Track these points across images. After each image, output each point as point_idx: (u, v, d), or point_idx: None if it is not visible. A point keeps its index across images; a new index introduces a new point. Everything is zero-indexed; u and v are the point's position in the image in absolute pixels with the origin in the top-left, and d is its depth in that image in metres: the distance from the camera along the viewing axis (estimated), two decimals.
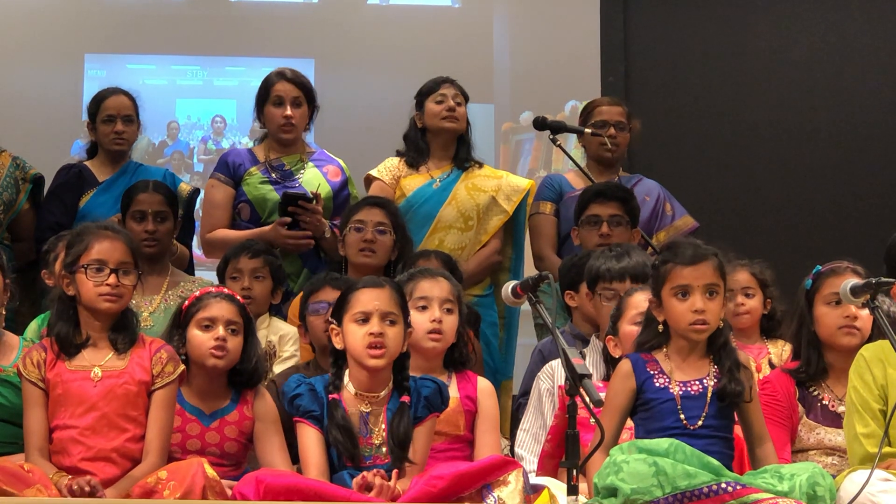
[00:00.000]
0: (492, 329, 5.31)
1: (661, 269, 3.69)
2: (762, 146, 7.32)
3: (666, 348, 3.70)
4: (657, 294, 3.69)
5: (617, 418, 3.66)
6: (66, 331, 3.70)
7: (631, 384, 3.66)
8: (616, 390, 3.68)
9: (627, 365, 3.69)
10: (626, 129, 5.59)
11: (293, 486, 3.41)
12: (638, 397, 3.66)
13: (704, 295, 3.63)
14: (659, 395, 3.64)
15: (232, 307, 3.90)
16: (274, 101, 5.32)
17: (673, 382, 3.65)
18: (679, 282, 3.64)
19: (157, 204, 5.00)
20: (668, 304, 3.66)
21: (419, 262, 4.73)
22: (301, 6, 7.52)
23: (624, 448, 3.43)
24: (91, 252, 3.71)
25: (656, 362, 3.68)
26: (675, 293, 3.65)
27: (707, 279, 3.65)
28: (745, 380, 3.67)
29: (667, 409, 3.62)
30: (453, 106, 5.34)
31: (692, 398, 3.63)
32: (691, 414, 3.61)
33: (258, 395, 3.92)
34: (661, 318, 3.70)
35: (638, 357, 3.70)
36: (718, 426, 3.63)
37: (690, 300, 3.63)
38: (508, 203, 5.39)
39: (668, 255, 3.72)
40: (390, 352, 3.69)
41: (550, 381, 4.31)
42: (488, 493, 3.47)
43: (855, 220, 7.13)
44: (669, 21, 7.40)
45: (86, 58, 7.20)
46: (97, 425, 3.62)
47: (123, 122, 5.40)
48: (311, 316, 4.46)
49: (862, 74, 7.37)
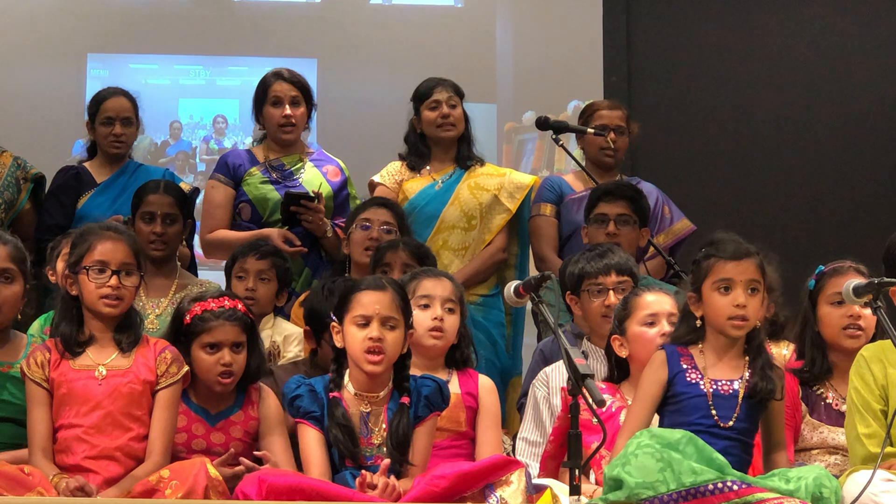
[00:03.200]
0: (498, 329, 5.31)
1: (703, 264, 3.68)
2: (765, 146, 7.32)
3: (702, 344, 3.69)
4: (697, 289, 3.68)
5: (647, 409, 3.65)
6: (70, 330, 3.71)
7: (663, 375, 3.65)
8: (649, 380, 3.67)
9: (662, 355, 3.68)
10: (626, 133, 5.60)
11: (296, 485, 3.41)
12: (668, 389, 3.65)
13: (746, 291, 3.62)
14: (689, 389, 3.62)
15: (235, 328, 3.87)
16: (272, 102, 5.32)
17: (706, 379, 3.63)
18: (722, 275, 3.63)
19: (167, 206, 4.98)
20: (709, 298, 3.64)
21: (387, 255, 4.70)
22: (303, 6, 7.53)
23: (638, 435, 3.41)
24: (93, 253, 3.72)
25: (691, 357, 3.67)
26: (718, 287, 3.63)
27: (750, 275, 3.64)
28: (777, 378, 3.66)
29: (694, 405, 3.61)
30: (447, 112, 5.34)
31: (723, 397, 3.62)
32: (723, 413, 3.60)
33: (263, 396, 3.93)
34: (700, 313, 3.68)
35: (673, 349, 3.69)
36: (744, 430, 3.62)
37: (732, 295, 3.62)
38: (511, 201, 5.39)
39: (711, 249, 3.71)
40: (388, 357, 3.69)
41: (546, 388, 4.30)
42: (490, 493, 3.47)
43: (858, 223, 7.12)
44: (672, 21, 7.40)
45: (88, 57, 7.21)
46: (101, 424, 3.62)
47: (122, 124, 5.38)
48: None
49: (865, 75, 7.37)
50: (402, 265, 4.63)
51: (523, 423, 4.36)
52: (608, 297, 4.38)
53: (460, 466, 3.51)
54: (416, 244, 4.83)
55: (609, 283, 4.41)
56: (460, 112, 5.39)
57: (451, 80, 5.45)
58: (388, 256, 4.70)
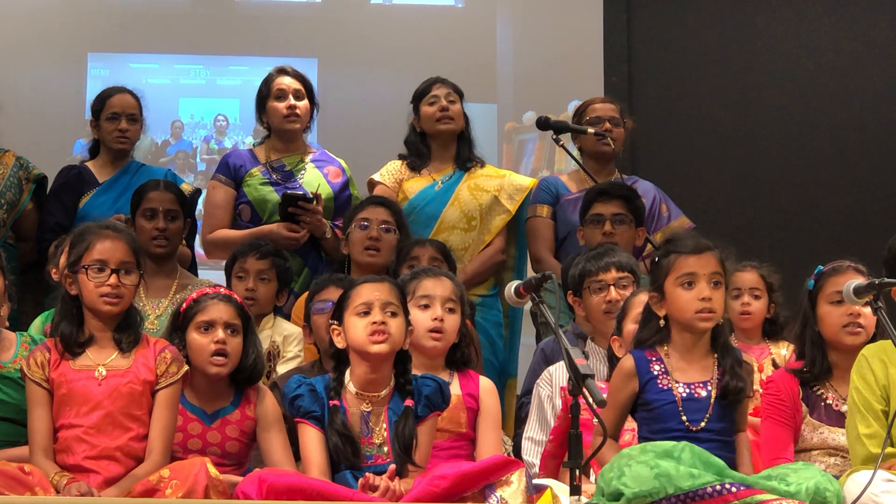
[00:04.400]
0: (497, 329, 5.32)
1: (663, 262, 3.69)
2: (765, 146, 7.32)
3: (667, 346, 3.70)
4: (659, 288, 3.68)
5: (618, 414, 3.66)
6: (70, 330, 3.71)
7: (633, 385, 3.66)
8: (617, 387, 3.68)
9: (630, 363, 3.68)
10: (621, 125, 5.60)
11: (296, 485, 3.41)
12: (639, 397, 3.66)
13: (710, 284, 3.63)
14: (661, 396, 3.63)
15: (230, 308, 3.89)
16: (276, 96, 5.34)
17: (675, 383, 3.64)
18: (685, 270, 3.64)
19: (168, 202, 5.00)
20: (673, 294, 3.65)
21: (415, 249, 4.75)
22: (304, 6, 7.53)
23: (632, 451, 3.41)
24: (93, 252, 3.72)
25: (660, 360, 3.67)
26: (681, 283, 3.64)
27: (712, 268, 3.65)
28: (747, 375, 3.67)
29: (668, 412, 3.62)
30: (446, 105, 5.35)
31: (695, 401, 3.62)
32: (693, 417, 3.61)
33: (260, 395, 3.92)
34: (663, 312, 3.69)
35: (641, 355, 3.69)
36: (720, 429, 3.63)
37: (697, 289, 3.62)
38: (511, 202, 5.40)
39: (670, 246, 3.73)
40: (393, 339, 3.69)
41: (550, 388, 4.31)
42: (491, 493, 3.48)
43: (857, 223, 7.12)
44: (672, 21, 7.40)
45: (89, 57, 7.21)
46: (101, 424, 3.62)
47: (127, 120, 5.41)
48: (315, 315, 4.46)
49: (866, 75, 7.37)
50: (430, 258, 4.67)
51: (528, 423, 4.37)
52: (609, 293, 4.40)
53: (460, 467, 3.52)
54: (441, 243, 4.89)
55: (609, 279, 4.43)
56: (459, 108, 5.40)
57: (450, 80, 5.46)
58: (416, 250, 4.75)
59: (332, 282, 4.53)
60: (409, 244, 4.84)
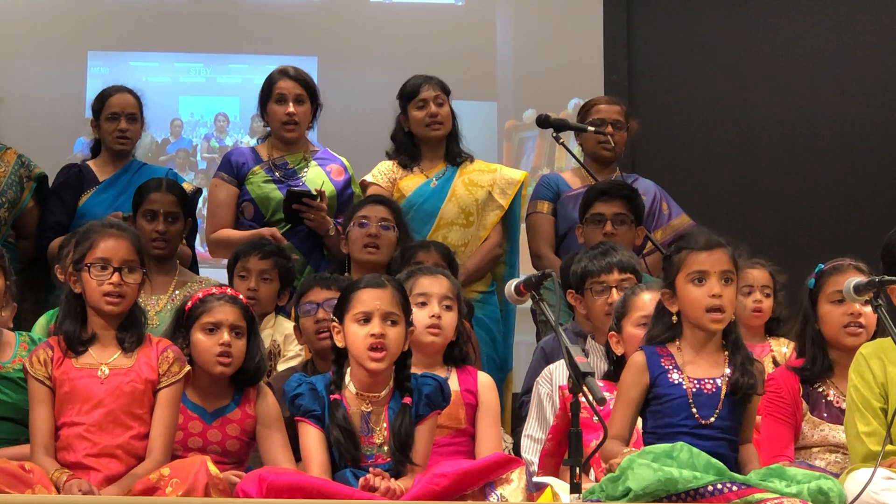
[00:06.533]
0: (496, 325, 5.32)
1: (675, 258, 3.67)
2: (765, 144, 7.32)
3: (678, 341, 3.69)
4: (671, 284, 3.68)
5: (630, 411, 3.64)
6: (74, 328, 3.71)
7: (644, 379, 3.64)
8: (628, 384, 3.66)
9: (641, 357, 3.67)
10: (624, 129, 5.61)
11: (296, 484, 3.40)
12: (650, 391, 3.65)
13: (720, 281, 3.62)
14: (671, 391, 3.62)
15: (235, 310, 3.89)
16: (277, 99, 5.34)
17: (686, 377, 3.63)
18: (695, 267, 3.63)
19: (170, 204, 5.00)
20: (684, 291, 3.64)
21: (419, 254, 4.75)
22: (304, 4, 7.52)
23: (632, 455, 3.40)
24: (96, 250, 3.72)
25: (671, 356, 3.66)
26: (692, 279, 3.63)
27: (723, 265, 3.64)
28: (757, 373, 3.66)
29: (678, 406, 3.61)
30: (435, 111, 5.35)
31: (705, 395, 3.61)
32: (704, 411, 3.60)
33: (260, 394, 3.93)
34: (675, 308, 3.68)
35: (653, 350, 3.67)
36: (727, 427, 3.62)
37: (707, 285, 3.61)
38: (503, 197, 5.41)
39: (682, 243, 3.72)
40: (391, 353, 3.68)
41: (549, 386, 4.31)
42: (491, 491, 3.47)
43: (857, 221, 7.13)
44: (672, 19, 7.40)
45: (89, 55, 7.21)
46: (103, 422, 3.62)
47: (127, 120, 5.40)
48: (302, 318, 4.46)
49: (866, 74, 7.38)
50: (434, 265, 4.65)
51: (528, 421, 4.38)
52: (611, 296, 4.38)
53: (461, 465, 3.51)
54: (445, 247, 4.89)
55: (612, 280, 4.42)
56: (447, 110, 5.40)
57: (436, 77, 5.44)
58: (420, 255, 4.74)
59: (317, 282, 4.52)
60: (412, 248, 4.85)
